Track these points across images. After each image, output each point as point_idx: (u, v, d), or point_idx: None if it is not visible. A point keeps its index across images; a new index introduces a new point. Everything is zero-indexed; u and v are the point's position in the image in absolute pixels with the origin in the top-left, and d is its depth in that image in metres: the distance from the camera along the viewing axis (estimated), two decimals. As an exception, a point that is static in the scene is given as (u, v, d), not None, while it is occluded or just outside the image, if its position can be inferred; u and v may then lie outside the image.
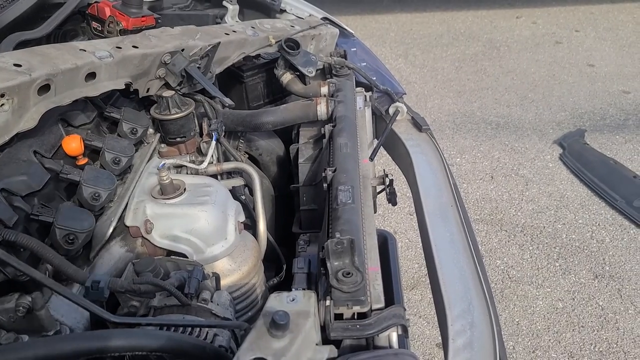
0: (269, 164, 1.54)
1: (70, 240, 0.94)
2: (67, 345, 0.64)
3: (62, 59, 1.00)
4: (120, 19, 1.33)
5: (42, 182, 0.98)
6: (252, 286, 1.09)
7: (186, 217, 1.04)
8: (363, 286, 0.76)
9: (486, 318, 0.95)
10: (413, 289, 2.52)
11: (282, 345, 0.66)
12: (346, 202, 1.00)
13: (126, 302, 0.92)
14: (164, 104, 1.25)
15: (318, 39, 1.69)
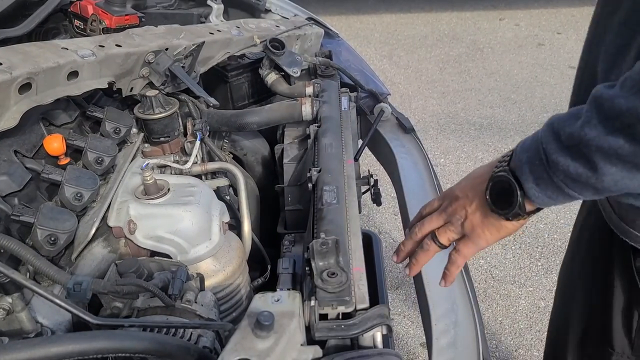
0: (253, 164, 1.54)
1: (52, 241, 0.93)
2: (49, 347, 0.63)
3: (44, 57, 0.98)
4: (103, 17, 1.32)
5: (23, 182, 0.97)
6: (237, 287, 1.09)
7: (170, 217, 1.03)
8: (348, 286, 0.77)
9: (469, 317, 0.95)
10: (397, 288, 2.53)
11: (267, 345, 0.66)
12: (331, 202, 1.00)
13: (109, 304, 0.92)
14: (148, 103, 1.25)
15: (303, 39, 1.69)
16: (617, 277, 0.98)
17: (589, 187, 0.67)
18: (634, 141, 0.59)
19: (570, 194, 0.70)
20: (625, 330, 1.00)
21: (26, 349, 0.62)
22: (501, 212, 0.78)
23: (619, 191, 0.66)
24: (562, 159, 0.67)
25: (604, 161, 0.63)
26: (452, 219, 0.85)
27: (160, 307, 0.85)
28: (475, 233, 0.83)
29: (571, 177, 0.67)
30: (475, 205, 0.82)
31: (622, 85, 0.61)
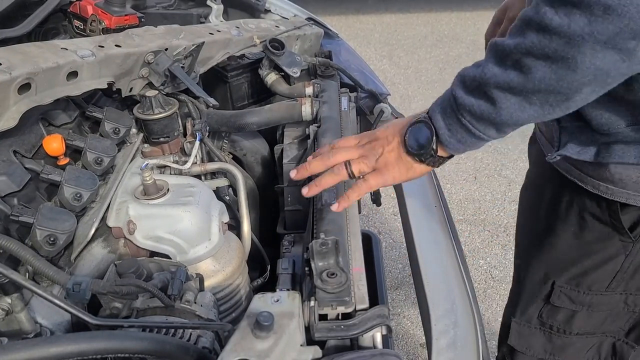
0: (253, 165, 1.54)
1: (51, 242, 0.93)
2: (48, 347, 0.63)
3: (43, 57, 0.98)
4: (103, 17, 1.32)
5: (23, 182, 0.97)
6: (236, 287, 1.09)
7: (169, 217, 1.03)
8: (347, 287, 0.77)
9: (469, 317, 0.95)
10: (397, 289, 2.53)
11: (266, 346, 0.66)
12: (330, 202, 1.00)
13: (108, 304, 0.92)
14: (147, 103, 1.24)
15: (303, 40, 1.69)
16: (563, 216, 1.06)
17: (490, 124, 0.78)
18: (522, 73, 0.70)
19: (476, 134, 0.80)
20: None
21: (25, 349, 0.62)
22: (415, 152, 0.87)
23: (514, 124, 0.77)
24: (468, 100, 0.78)
25: (500, 95, 0.74)
26: (368, 153, 0.92)
27: (159, 308, 0.85)
28: (387, 168, 0.91)
29: (476, 115, 0.78)
30: (393, 145, 0.90)
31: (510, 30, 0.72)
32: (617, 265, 1.01)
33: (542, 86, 0.70)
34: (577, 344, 1.16)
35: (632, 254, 0.98)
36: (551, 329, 1.17)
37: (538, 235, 1.14)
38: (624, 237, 0.97)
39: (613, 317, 1.10)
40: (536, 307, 1.17)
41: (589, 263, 1.04)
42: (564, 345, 1.17)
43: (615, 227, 0.97)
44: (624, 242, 0.98)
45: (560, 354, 1.18)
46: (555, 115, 0.75)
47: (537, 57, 0.69)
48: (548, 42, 0.67)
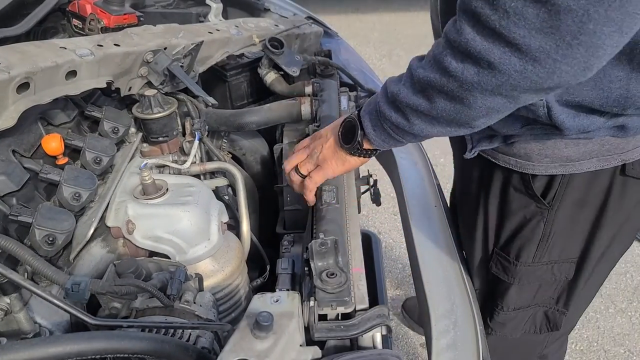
0: (252, 164, 1.54)
1: (50, 241, 0.93)
2: (47, 347, 0.63)
3: (42, 56, 0.98)
4: (102, 16, 1.32)
5: (21, 182, 0.96)
6: (236, 287, 1.09)
7: (168, 217, 1.03)
8: (347, 287, 0.76)
9: (469, 318, 0.95)
10: (397, 289, 2.52)
11: (266, 346, 0.66)
12: (330, 202, 1.00)
13: (107, 304, 0.91)
14: (146, 103, 1.24)
15: (302, 39, 1.68)
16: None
17: (407, 133, 0.89)
18: (428, 101, 0.80)
19: (396, 139, 0.91)
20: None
21: (24, 349, 0.62)
22: (346, 146, 0.99)
23: (427, 136, 0.88)
24: (388, 111, 0.88)
25: (412, 114, 0.84)
26: (312, 153, 1.06)
27: (158, 308, 0.85)
28: (326, 163, 1.04)
29: (394, 125, 0.88)
30: (330, 142, 1.03)
31: (425, 58, 0.80)
32: (537, 231, 1.10)
33: (444, 115, 0.80)
34: (515, 319, 1.25)
35: (549, 220, 1.07)
36: (495, 304, 1.25)
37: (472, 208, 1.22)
38: (539, 203, 1.06)
39: (543, 288, 1.19)
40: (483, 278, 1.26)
41: (515, 230, 1.13)
42: (503, 322, 1.26)
43: (530, 195, 1.06)
44: (540, 208, 1.07)
45: (501, 329, 1.27)
46: (462, 133, 0.85)
47: (439, 92, 0.77)
48: (447, 82, 0.75)
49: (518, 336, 1.28)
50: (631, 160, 0.97)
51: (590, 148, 0.96)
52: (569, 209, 1.05)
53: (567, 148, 0.97)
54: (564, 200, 1.04)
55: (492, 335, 1.29)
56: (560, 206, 1.05)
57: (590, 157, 0.97)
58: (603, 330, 2.26)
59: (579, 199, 1.03)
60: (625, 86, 0.82)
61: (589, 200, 1.04)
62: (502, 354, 1.33)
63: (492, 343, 1.24)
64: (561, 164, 0.99)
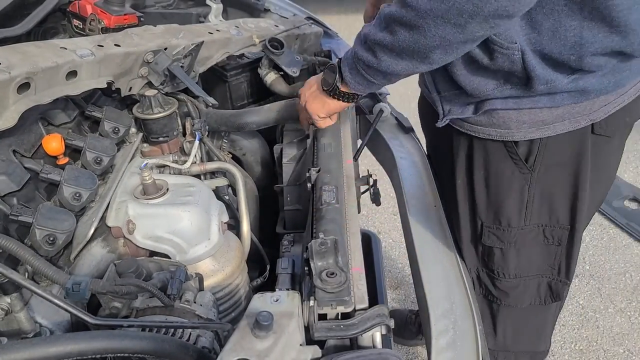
0: (252, 164, 1.54)
1: (51, 241, 0.93)
2: (47, 347, 0.63)
3: (43, 57, 0.98)
4: (102, 17, 1.32)
5: (22, 182, 0.97)
6: (236, 287, 1.09)
7: (169, 217, 1.03)
8: (347, 286, 0.77)
9: (469, 317, 0.95)
10: (397, 288, 2.53)
11: (266, 345, 0.66)
12: (330, 202, 1.00)
13: (108, 304, 0.92)
14: (147, 103, 1.24)
15: (302, 39, 1.68)
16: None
17: (377, 72, 1.00)
18: (391, 35, 0.92)
19: (368, 79, 1.03)
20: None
21: (25, 349, 0.62)
22: (325, 88, 1.14)
23: (394, 74, 0.99)
24: (360, 52, 1.01)
25: (379, 50, 0.96)
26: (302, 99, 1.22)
27: (159, 307, 0.85)
28: (309, 104, 1.20)
29: (366, 64, 1.00)
30: (313, 89, 1.19)
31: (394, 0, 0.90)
32: (524, 196, 1.16)
33: (405, 46, 0.91)
34: (518, 287, 1.29)
35: (532, 183, 1.14)
36: (493, 273, 1.29)
37: (454, 185, 1.25)
38: (522, 168, 1.13)
39: (541, 255, 1.25)
40: (477, 251, 1.29)
41: (501, 199, 1.18)
42: (506, 290, 1.30)
43: (514, 161, 1.13)
44: (523, 173, 1.13)
45: (506, 298, 1.31)
46: (423, 69, 0.98)
47: (399, 24, 0.89)
48: (405, 13, 0.87)
49: (525, 306, 1.32)
50: (598, 119, 1.06)
51: (561, 111, 1.04)
52: (550, 171, 1.12)
53: (541, 113, 1.05)
54: (544, 163, 1.11)
55: (502, 307, 1.33)
56: (542, 169, 1.12)
57: (562, 120, 1.06)
58: (602, 330, 2.26)
59: (557, 161, 1.11)
60: (578, 34, 0.91)
61: (566, 161, 1.12)
62: (517, 325, 1.37)
63: (503, 315, 1.34)
64: (538, 128, 1.07)
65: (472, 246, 1.27)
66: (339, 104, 1.15)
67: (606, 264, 2.57)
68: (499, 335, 1.37)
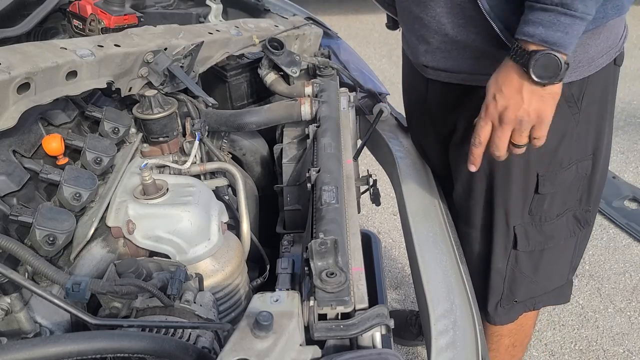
0: (252, 164, 1.54)
1: (51, 241, 0.93)
2: (47, 347, 0.63)
3: (43, 57, 0.98)
4: (102, 17, 1.32)
5: (22, 182, 0.97)
6: (236, 287, 1.09)
7: (169, 217, 1.03)
8: (347, 286, 0.77)
9: (469, 317, 0.95)
10: (397, 288, 2.53)
11: (266, 345, 0.66)
12: (330, 202, 1.00)
13: (108, 304, 0.92)
14: (147, 103, 1.24)
15: (302, 39, 1.69)
16: None
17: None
18: None
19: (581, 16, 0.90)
20: None
21: (25, 349, 0.62)
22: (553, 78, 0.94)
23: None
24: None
25: None
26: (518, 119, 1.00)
27: (159, 307, 0.85)
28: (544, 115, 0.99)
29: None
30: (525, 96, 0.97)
31: None
32: (572, 136, 1.18)
33: None
34: (558, 227, 1.32)
35: (580, 123, 1.16)
36: (540, 220, 1.30)
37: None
38: (574, 109, 1.14)
39: (571, 190, 1.29)
40: (527, 205, 1.28)
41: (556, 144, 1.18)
42: (551, 232, 1.33)
43: (568, 103, 1.13)
44: (574, 114, 1.15)
45: (550, 241, 1.34)
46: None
47: None
48: None
49: (561, 243, 1.35)
50: (620, 51, 1.15)
51: (601, 46, 1.09)
52: (590, 107, 1.16)
53: (590, 49, 1.07)
54: (586, 100, 1.14)
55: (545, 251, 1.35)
56: (585, 107, 1.15)
57: (602, 55, 1.10)
58: (602, 329, 2.26)
59: (596, 96, 1.15)
60: None
61: (600, 96, 1.17)
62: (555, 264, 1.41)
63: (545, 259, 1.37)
64: (588, 65, 1.09)
65: (523, 201, 1.27)
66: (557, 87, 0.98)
67: (606, 264, 2.57)
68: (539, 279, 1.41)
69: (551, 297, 1.49)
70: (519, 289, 1.42)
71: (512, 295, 1.43)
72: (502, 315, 1.47)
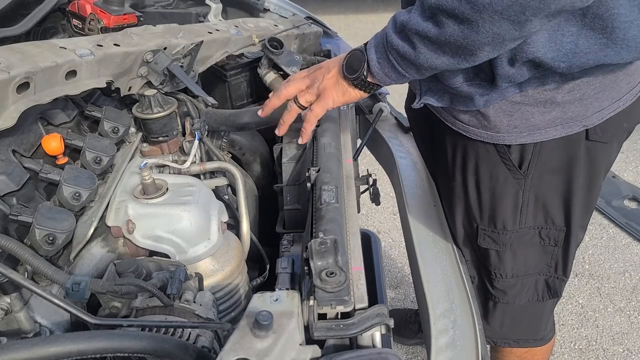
0: (252, 164, 1.54)
1: (50, 241, 0.93)
2: (47, 347, 0.63)
3: (42, 56, 0.98)
4: (102, 16, 1.32)
5: (21, 181, 0.96)
6: (236, 286, 1.09)
7: (169, 217, 1.03)
8: (347, 286, 0.77)
9: (468, 317, 0.95)
10: (396, 288, 2.53)
11: (266, 345, 0.66)
12: (330, 201, 1.00)
13: (108, 303, 0.92)
14: (146, 102, 1.24)
15: (302, 39, 1.69)
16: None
17: (412, 65, 0.92)
18: (437, 27, 0.84)
19: (400, 71, 0.95)
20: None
21: (24, 349, 0.62)
22: (349, 77, 1.03)
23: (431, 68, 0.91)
24: (395, 41, 0.91)
25: (419, 42, 0.87)
26: (312, 83, 1.10)
27: (158, 307, 0.85)
28: (326, 93, 1.08)
29: (400, 55, 0.92)
30: (332, 72, 1.07)
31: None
32: (518, 200, 1.14)
33: (452, 40, 0.83)
34: (515, 286, 1.29)
35: (526, 188, 1.12)
36: (490, 273, 1.27)
37: (449, 186, 1.24)
38: (516, 174, 1.10)
39: (538, 255, 1.24)
40: (473, 252, 1.28)
41: (495, 202, 1.16)
42: (504, 289, 1.29)
43: (507, 166, 1.10)
44: (517, 178, 1.11)
45: (504, 297, 1.30)
46: (465, 66, 0.88)
47: (449, 16, 0.81)
48: (458, 5, 0.79)
49: (522, 304, 1.32)
50: (592, 125, 1.03)
51: (554, 116, 1.01)
52: (544, 177, 1.10)
53: (533, 117, 1.02)
54: (537, 168, 1.09)
55: (499, 304, 1.33)
56: (535, 174, 1.10)
57: (555, 125, 1.02)
58: (602, 329, 2.26)
59: (551, 166, 1.09)
60: (575, 41, 0.88)
61: (560, 167, 1.09)
62: (513, 321, 1.38)
63: (500, 312, 1.35)
64: (530, 133, 1.04)
65: (469, 247, 1.27)
66: (359, 94, 1.07)
67: (606, 264, 2.58)
68: (495, 326, 1.38)
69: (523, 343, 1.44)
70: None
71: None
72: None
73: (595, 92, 0.99)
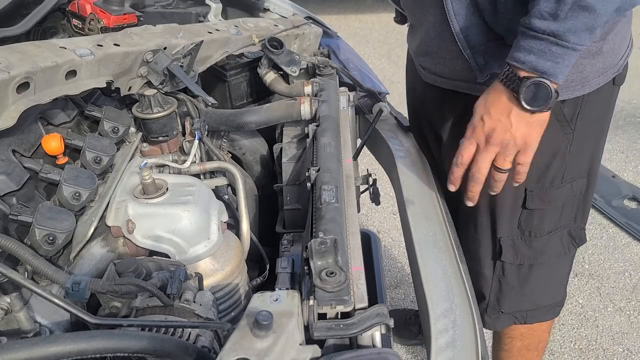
0: (252, 164, 1.54)
1: (50, 241, 0.93)
2: (47, 347, 0.63)
3: (42, 56, 0.98)
4: (102, 16, 1.32)
5: (21, 181, 0.97)
6: (235, 286, 1.09)
7: (168, 216, 1.03)
8: (346, 286, 0.77)
9: (468, 317, 0.95)
10: (396, 287, 2.53)
11: (266, 345, 0.66)
12: (330, 201, 1.00)
13: (108, 303, 0.92)
14: (146, 102, 1.24)
15: (302, 38, 1.68)
16: None
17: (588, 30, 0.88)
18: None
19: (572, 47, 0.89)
20: None
21: (24, 348, 0.62)
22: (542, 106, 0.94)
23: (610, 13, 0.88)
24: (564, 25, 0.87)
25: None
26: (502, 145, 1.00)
27: (158, 307, 0.85)
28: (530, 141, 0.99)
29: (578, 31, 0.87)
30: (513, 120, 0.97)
31: None
32: (565, 155, 1.19)
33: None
34: (549, 243, 1.33)
35: (572, 142, 1.18)
36: (530, 235, 1.31)
37: None
38: (566, 129, 1.16)
39: (567, 207, 1.30)
40: (515, 218, 1.29)
41: (546, 161, 1.19)
42: (542, 248, 1.33)
43: (560, 123, 1.14)
44: (566, 133, 1.16)
45: (540, 257, 1.35)
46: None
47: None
48: None
49: (552, 261, 1.36)
50: (618, 71, 1.15)
51: (599, 66, 1.09)
52: (586, 128, 1.17)
53: (585, 69, 1.07)
54: (583, 121, 1.15)
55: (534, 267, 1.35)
56: (580, 127, 1.15)
57: (599, 75, 1.10)
58: (602, 329, 2.26)
59: (592, 117, 1.16)
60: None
61: (598, 116, 1.18)
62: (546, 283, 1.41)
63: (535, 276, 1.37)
64: (582, 85, 1.10)
65: (510, 213, 1.28)
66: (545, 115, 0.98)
67: (605, 263, 2.57)
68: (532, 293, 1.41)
69: (543, 313, 1.48)
70: (505, 300, 1.42)
71: (499, 305, 1.44)
72: (488, 322, 1.48)
73: (620, 40, 1.10)
